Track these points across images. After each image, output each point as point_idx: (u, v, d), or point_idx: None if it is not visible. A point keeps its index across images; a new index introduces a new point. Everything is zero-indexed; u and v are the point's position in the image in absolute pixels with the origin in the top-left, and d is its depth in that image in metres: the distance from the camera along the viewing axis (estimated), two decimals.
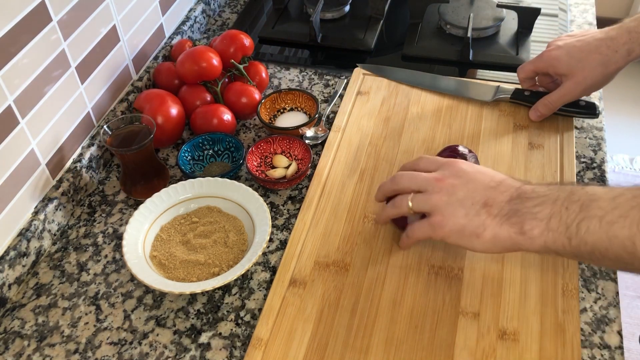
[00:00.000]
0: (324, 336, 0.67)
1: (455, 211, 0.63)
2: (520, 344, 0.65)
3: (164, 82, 0.97)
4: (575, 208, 0.56)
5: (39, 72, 0.76)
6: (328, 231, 0.78)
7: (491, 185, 0.64)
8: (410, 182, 0.69)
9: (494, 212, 0.62)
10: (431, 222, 0.65)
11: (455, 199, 0.64)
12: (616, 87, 2.56)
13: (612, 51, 0.81)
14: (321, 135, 0.92)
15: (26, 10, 0.72)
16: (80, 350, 0.69)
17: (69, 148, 0.85)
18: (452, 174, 0.66)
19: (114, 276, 0.76)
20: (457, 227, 0.63)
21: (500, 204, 0.62)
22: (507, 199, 0.62)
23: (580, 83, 0.83)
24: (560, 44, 0.86)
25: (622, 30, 0.81)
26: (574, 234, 0.56)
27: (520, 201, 0.60)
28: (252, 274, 0.75)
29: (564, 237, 0.57)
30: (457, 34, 1.09)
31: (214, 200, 0.80)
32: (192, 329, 0.70)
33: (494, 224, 0.61)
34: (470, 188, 0.64)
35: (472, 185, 0.64)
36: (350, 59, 1.07)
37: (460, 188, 0.64)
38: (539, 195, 0.60)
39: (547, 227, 0.58)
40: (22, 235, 0.75)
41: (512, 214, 0.60)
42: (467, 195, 0.63)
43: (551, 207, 0.58)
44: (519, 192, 0.62)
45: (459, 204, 0.63)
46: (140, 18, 0.97)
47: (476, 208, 0.62)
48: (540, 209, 0.59)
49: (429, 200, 0.65)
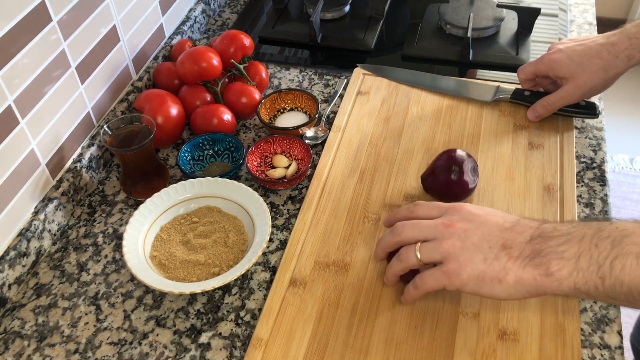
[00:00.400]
0: (324, 336, 0.67)
1: (473, 256, 0.58)
2: (520, 344, 0.65)
3: (164, 82, 0.97)
4: (606, 245, 0.52)
5: (39, 72, 0.76)
6: (328, 231, 0.78)
7: (506, 226, 0.59)
8: (413, 230, 0.63)
9: (515, 253, 0.57)
10: (445, 271, 0.60)
11: (470, 243, 0.59)
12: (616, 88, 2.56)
13: (612, 56, 0.81)
14: (321, 135, 0.92)
15: (26, 10, 0.72)
16: (80, 350, 0.69)
17: (69, 148, 0.85)
18: (461, 218, 0.61)
19: (114, 276, 0.76)
20: (475, 273, 0.58)
21: (520, 244, 0.57)
22: (527, 239, 0.57)
23: (580, 87, 0.84)
24: (561, 47, 0.86)
25: (623, 36, 0.81)
26: (608, 274, 0.52)
27: (543, 240, 0.56)
28: (252, 274, 0.75)
29: (596, 277, 0.52)
30: (457, 34, 1.09)
31: (214, 200, 0.80)
32: (192, 329, 0.70)
33: (516, 267, 0.56)
34: (484, 231, 0.59)
35: (486, 228, 0.60)
36: (350, 59, 1.07)
37: (473, 232, 0.59)
38: (562, 233, 0.56)
39: (576, 266, 0.53)
40: (22, 235, 0.75)
41: (535, 255, 0.56)
42: (482, 238, 0.59)
43: (578, 246, 0.54)
44: (539, 231, 0.58)
45: (475, 249, 0.59)
46: (140, 18, 0.97)
47: (495, 251, 0.58)
48: (567, 248, 0.54)
49: (439, 247, 0.60)
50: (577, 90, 0.84)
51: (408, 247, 0.64)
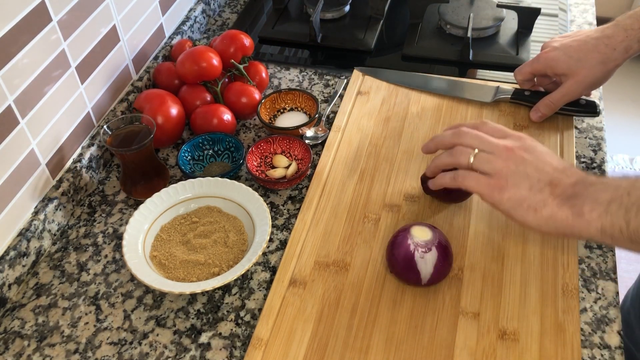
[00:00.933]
0: (324, 336, 0.67)
1: (521, 182, 0.63)
2: (520, 344, 0.65)
3: (164, 82, 0.97)
4: (637, 193, 0.56)
5: (39, 72, 0.76)
6: (328, 231, 0.78)
7: (559, 167, 0.64)
8: (475, 140, 0.67)
9: (558, 192, 0.62)
10: (492, 183, 0.65)
11: (523, 170, 0.64)
12: (616, 87, 2.56)
13: (610, 49, 0.81)
14: (321, 135, 0.92)
15: (26, 10, 0.72)
16: (80, 350, 0.69)
17: (69, 148, 0.85)
18: (522, 146, 0.66)
19: (114, 276, 0.76)
20: (516, 197, 0.63)
21: (565, 185, 0.62)
22: (572, 182, 0.62)
23: (581, 82, 0.84)
24: (556, 45, 0.86)
25: (618, 28, 0.82)
26: (633, 218, 0.56)
27: (584, 186, 0.61)
28: (252, 274, 0.75)
29: (622, 221, 0.56)
30: (457, 34, 1.09)
31: (214, 200, 0.80)
32: (192, 329, 0.70)
33: (554, 204, 0.61)
34: (539, 165, 0.64)
35: (542, 163, 0.64)
36: (350, 59, 1.07)
37: (529, 162, 0.64)
38: (602, 182, 0.60)
39: (607, 210, 0.58)
40: (22, 235, 0.75)
41: (574, 196, 0.60)
42: (535, 170, 0.64)
43: (613, 193, 0.58)
44: (584, 178, 0.62)
45: (525, 176, 0.63)
46: (140, 18, 0.97)
47: (541, 185, 0.63)
48: (602, 194, 0.59)
49: (494, 162, 0.65)
50: (579, 85, 0.84)
51: (463, 148, 0.68)
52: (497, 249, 0.74)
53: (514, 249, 0.74)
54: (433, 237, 0.69)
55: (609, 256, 0.75)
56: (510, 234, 0.76)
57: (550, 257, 0.73)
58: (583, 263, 0.74)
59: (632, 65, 2.60)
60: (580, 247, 0.76)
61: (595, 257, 0.75)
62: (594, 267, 0.74)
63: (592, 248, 0.76)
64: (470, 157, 0.67)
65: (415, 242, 0.69)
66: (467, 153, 0.67)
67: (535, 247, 0.74)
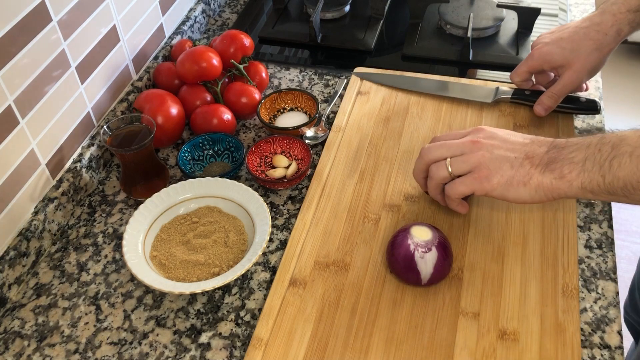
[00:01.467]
0: (324, 336, 0.67)
1: (501, 164, 0.67)
2: (520, 344, 0.65)
3: (164, 82, 0.97)
4: (607, 149, 0.61)
5: (39, 72, 0.76)
6: (328, 231, 0.78)
7: (526, 142, 0.68)
8: (441, 149, 0.71)
9: (536, 162, 0.66)
10: (477, 177, 0.68)
11: (498, 154, 0.67)
12: (616, 87, 2.56)
13: (602, 35, 0.83)
14: (321, 135, 0.92)
15: (26, 10, 0.72)
16: (80, 350, 0.69)
17: (69, 148, 0.85)
18: (485, 136, 0.69)
19: (114, 276, 0.76)
20: (505, 179, 0.67)
21: (540, 154, 0.66)
22: (545, 150, 0.66)
23: (580, 70, 0.85)
24: (546, 40, 0.87)
25: (606, 14, 0.83)
26: (607, 171, 0.60)
27: (557, 150, 0.65)
28: (252, 274, 0.75)
29: (599, 176, 0.61)
30: (457, 34, 1.09)
31: (214, 200, 0.80)
32: (192, 329, 0.70)
33: (537, 173, 0.65)
34: (509, 146, 0.68)
35: (509, 144, 0.68)
36: (350, 59, 1.07)
37: (499, 146, 0.68)
38: (572, 143, 0.65)
39: (583, 168, 0.62)
40: (22, 235, 0.75)
41: (552, 162, 0.65)
42: (507, 150, 0.67)
43: (585, 151, 0.63)
44: (555, 143, 0.66)
45: (503, 159, 0.67)
46: (140, 18, 0.97)
47: (520, 160, 0.67)
48: (576, 154, 0.63)
49: (469, 159, 0.68)
50: (578, 75, 0.85)
51: (438, 163, 0.71)
52: (497, 249, 0.74)
53: (514, 249, 0.74)
54: (433, 237, 0.69)
55: (609, 256, 0.75)
56: (510, 234, 0.76)
57: (550, 257, 0.73)
58: (583, 263, 0.74)
59: (632, 65, 2.60)
60: (581, 247, 0.76)
61: (595, 257, 0.75)
62: (594, 267, 0.74)
63: (592, 248, 0.76)
64: (446, 167, 0.70)
65: (415, 242, 0.69)
66: (442, 167, 0.71)
67: (535, 247, 0.74)
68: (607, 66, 0.88)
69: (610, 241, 0.76)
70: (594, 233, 0.77)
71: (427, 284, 0.69)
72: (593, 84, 0.98)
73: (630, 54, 2.64)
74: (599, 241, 0.77)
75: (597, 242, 0.76)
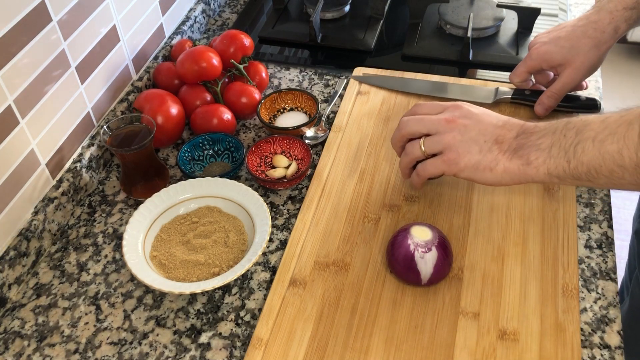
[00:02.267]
0: (324, 336, 0.67)
1: (470, 148, 0.68)
2: (520, 344, 0.65)
3: (164, 82, 0.97)
4: (571, 134, 0.62)
5: (39, 72, 0.76)
6: (328, 231, 0.78)
7: (499, 124, 0.69)
8: (418, 125, 0.72)
9: (505, 147, 0.67)
10: (445, 159, 0.70)
11: (469, 137, 0.69)
12: (616, 87, 2.56)
13: (599, 32, 0.83)
14: (321, 135, 0.92)
15: (26, 10, 0.72)
16: (80, 350, 0.69)
17: (69, 148, 0.85)
18: (461, 114, 0.70)
19: (114, 276, 0.76)
20: (472, 163, 0.68)
21: (509, 140, 0.67)
22: (514, 135, 0.67)
23: (579, 68, 0.85)
24: (544, 40, 0.88)
25: (603, 12, 0.84)
26: (572, 157, 0.62)
27: (526, 136, 0.66)
28: (252, 274, 0.75)
29: (564, 161, 0.62)
30: (457, 34, 1.09)
31: (214, 200, 0.80)
32: (192, 329, 0.70)
33: (504, 159, 0.67)
34: (481, 128, 0.69)
35: (482, 125, 0.69)
36: (350, 59, 1.07)
37: (472, 127, 0.69)
38: (540, 129, 0.66)
39: (549, 154, 0.64)
40: (22, 235, 0.75)
41: (519, 148, 0.66)
42: (479, 133, 0.68)
43: (551, 137, 0.64)
44: (524, 128, 0.67)
45: (472, 142, 0.68)
46: (140, 18, 0.97)
47: (488, 145, 0.68)
48: (543, 140, 0.65)
49: (441, 140, 0.70)
50: (577, 73, 0.85)
51: (413, 142, 0.73)
52: (497, 249, 0.74)
53: (514, 249, 0.74)
54: (433, 237, 0.69)
55: (609, 256, 0.75)
56: (510, 234, 0.76)
57: (550, 257, 0.73)
58: (583, 263, 0.74)
59: (632, 65, 2.60)
60: (581, 247, 0.76)
61: (595, 257, 0.75)
62: (594, 267, 0.74)
63: (592, 248, 0.76)
64: (420, 146, 0.72)
65: (415, 242, 0.69)
66: (416, 145, 0.72)
67: (535, 247, 0.74)
68: (607, 66, 0.88)
69: (610, 241, 0.76)
70: (594, 233, 0.77)
71: (427, 284, 0.69)
72: (593, 84, 0.98)
73: (630, 54, 2.64)
74: (599, 241, 0.77)
75: (597, 242, 0.76)
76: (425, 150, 0.72)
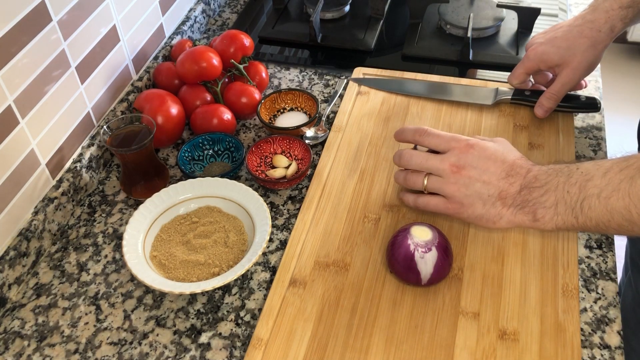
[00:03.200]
0: (324, 336, 0.67)
1: (474, 202, 0.69)
2: (520, 344, 0.65)
3: (164, 82, 0.97)
4: (575, 191, 0.63)
5: (39, 72, 0.76)
6: (328, 231, 0.78)
7: (502, 176, 0.68)
8: (423, 164, 0.72)
9: (509, 202, 0.67)
10: (449, 207, 0.70)
11: (473, 191, 0.68)
12: (616, 87, 2.56)
13: (595, 32, 0.83)
14: (321, 135, 0.92)
15: (26, 10, 0.72)
16: (80, 350, 0.69)
17: (69, 148, 0.85)
18: (466, 163, 0.69)
19: (114, 276, 0.76)
20: (474, 215, 0.69)
21: (512, 195, 0.67)
22: (517, 190, 0.67)
23: (577, 68, 0.85)
24: (541, 41, 0.88)
25: (598, 11, 0.84)
26: (579, 214, 0.62)
27: (528, 192, 0.66)
28: (252, 274, 0.75)
29: (572, 218, 0.63)
30: (457, 34, 1.09)
31: (214, 200, 0.80)
32: (192, 329, 0.70)
33: (508, 214, 0.67)
34: (485, 180, 0.68)
35: (487, 176, 0.68)
36: (350, 59, 1.07)
37: (476, 179, 0.68)
38: (541, 184, 0.66)
39: (556, 212, 0.64)
40: (22, 235, 0.75)
41: (524, 205, 0.66)
42: (483, 186, 0.68)
43: (555, 194, 0.64)
44: (526, 182, 0.67)
45: (476, 196, 0.68)
46: (140, 18, 0.97)
47: (492, 200, 0.68)
48: (547, 198, 0.65)
49: (445, 187, 0.70)
50: (575, 72, 0.85)
51: (418, 174, 0.73)
52: (497, 249, 0.74)
53: (514, 249, 0.74)
54: (433, 237, 0.69)
55: (609, 256, 0.75)
56: (510, 234, 0.76)
57: (550, 257, 0.73)
58: (583, 263, 0.74)
59: (632, 65, 2.60)
60: (581, 247, 0.76)
61: (595, 257, 0.75)
62: (594, 267, 0.74)
63: (592, 248, 0.76)
64: (423, 181, 0.72)
65: (415, 242, 0.69)
66: (419, 180, 0.72)
67: (535, 247, 0.74)
68: (607, 66, 0.88)
69: (610, 241, 0.76)
70: (594, 233, 0.77)
71: (427, 284, 0.69)
72: (593, 84, 0.98)
73: (630, 54, 2.64)
74: (599, 241, 0.77)
75: (597, 242, 0.76)
76: (428, 188, 0.72)
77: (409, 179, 0.74)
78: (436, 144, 0.72)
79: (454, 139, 0.71)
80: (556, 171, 0.66)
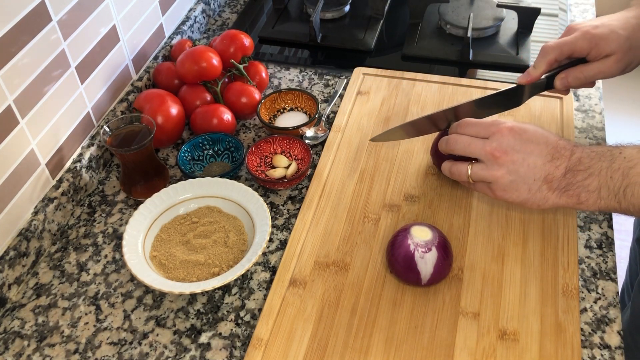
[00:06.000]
0: (324, 336, 0.67)
1: (519, 187, 0.68)
2: (520, 344, 0.65)
3: (164, 82, 0.97)
4: (618, 177, 0.64)
5: (39, 72, 0.76)
6: (328, 231, 0.78)
7: (547, 159, 0.68)
8: (466, 149, 0.71)
9: (554, 186, 0.67)
10: (494, 190, 0.70)
11: (517, 176, 0.68)
12: (616, 87, 2.56)
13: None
14: (321, 135, 0.92)
15: (26, 10, 0.72)
16: (80, 350, 0.69)
17: (69, 148, 0.85)
18: (508, 146, 0.68)
19: (114, 276, 0.76)
20: (520, 200, 0.69)
21: (558, 178, 0.67)
22: (562, 172, 0.67)
23: (622, 61, 0.77)
24: (596, 24, 0.78)
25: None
26: (622, 199, 0.64)
27: (572, 175, 0.67)
28: (252, 274, 0.75)
29: (614, 203, 0.65)
30: (457, 34, 1.09)
31: (214, 200, 0.80)
32: (192, 329, 0.70)
33: (554, 197, 0.67)
34: (530, 163, 0.68)
35: (532, 160, 0.68)
36: (350, 59, 1.07)
37: (520, 164, 0.68)
38: (585, 167, 0.66)
39: (599, 196, 0.65)
40: (22, 235, 0.75)
41: (569, 187, 0.67)
42: (528, 170, 0.68)
43: (598, 179, 0.65)
44: (570, 164, 0.67)
45: (521, 181, 0.68)
46: (140, 18, 0.97)
47: (538, 184, 0.68)
48: (590, 182, 0.65)
49: (489, 174, 0.69)
50: (619, 65, 0.78)
51: (461, 164, 0.72)
52: (497, 249, 0.74)
53: (514, 249, 0.74)
54: (433, 237, 0.69)
55: (609, 256, 0.75)
56: (510, 234, 0.76)
57: (550, 257, 0.73)
58: (583, 263, 0.74)
59: None
60: (581, 247, 0.76)
61: (595, 257, 0.75)
62: (594, 267, 0.74)
63: (592, 248, 0.76)
64: (468, 171, 0.71)
65: (415, 242, 0.69)
66: (463, 169, 0.71)
67: (535, 247, 0.74)
68: None
69: (610, 241, 0.76)
70: (594, 233, 0.77)
71: (427, 284, 0.69)
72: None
73: None
74: (599, 241, 0.77)
75: (597, 242, 0.76)
76: (472, 178, 0.71)
77: (453, 171, 0.73)
78: (476, 132, 0.71)
79: (493, 124, 0.70)
80: (599, 155, 0.66)
